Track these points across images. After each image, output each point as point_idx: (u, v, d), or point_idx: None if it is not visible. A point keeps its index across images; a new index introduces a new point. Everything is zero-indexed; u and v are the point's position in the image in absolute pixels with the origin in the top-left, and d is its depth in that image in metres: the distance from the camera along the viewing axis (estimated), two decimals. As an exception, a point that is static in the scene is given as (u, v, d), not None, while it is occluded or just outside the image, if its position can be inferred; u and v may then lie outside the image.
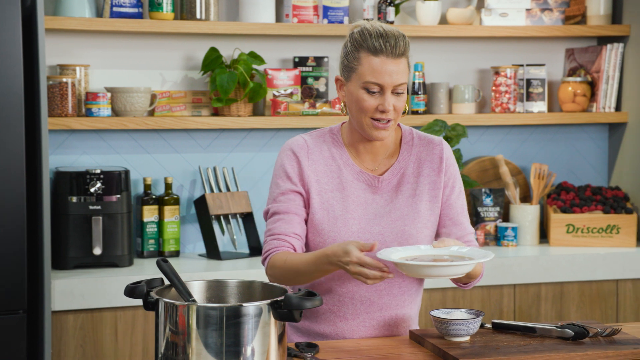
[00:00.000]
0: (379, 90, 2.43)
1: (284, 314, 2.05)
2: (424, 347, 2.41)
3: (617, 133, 4.37)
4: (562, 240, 4.07)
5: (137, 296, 2.12)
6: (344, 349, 2.39)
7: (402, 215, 2.52)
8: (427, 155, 2.57)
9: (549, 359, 2.27)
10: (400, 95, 2.45)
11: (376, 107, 2.44)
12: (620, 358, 2.30)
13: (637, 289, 3.97)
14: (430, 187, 2.55)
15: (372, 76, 2.42)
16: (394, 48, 2.42)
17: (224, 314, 2.03)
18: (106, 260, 3.65)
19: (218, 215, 3.87)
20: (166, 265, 2.17)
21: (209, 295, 2.22)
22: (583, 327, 2.41)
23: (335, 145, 2.56)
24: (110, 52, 3.92)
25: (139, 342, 3.51)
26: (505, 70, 4.19)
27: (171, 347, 2.06)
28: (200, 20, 3.87)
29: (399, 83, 2.43)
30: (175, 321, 2.05)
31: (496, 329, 2.51)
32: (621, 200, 4.14)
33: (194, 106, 3.98)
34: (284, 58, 4.10)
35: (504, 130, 4.31)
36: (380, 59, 2.41)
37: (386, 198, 2.54)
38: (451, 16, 4.15)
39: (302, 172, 2.52)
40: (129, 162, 3.92)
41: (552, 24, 4.24)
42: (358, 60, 2.44)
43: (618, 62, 4.26)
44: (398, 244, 2.50)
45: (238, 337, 2.03)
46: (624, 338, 2.42)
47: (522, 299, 3.86)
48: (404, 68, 2.45)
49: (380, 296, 2.52)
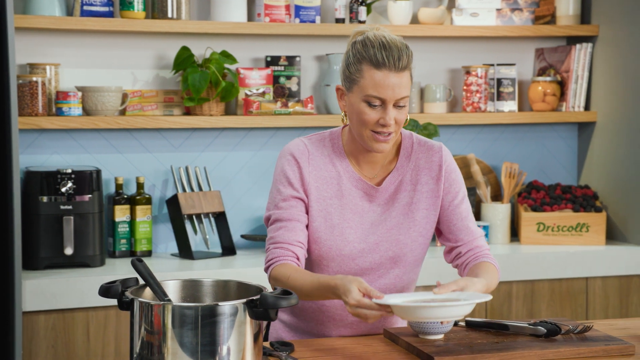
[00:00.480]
0: (380, 104, 2.38)
1: (260, 312, 2.05)
2: (398, 345, 2.42)
3: (586, 132, 4.41)
4: (532, 238, 4.10)
5: (112, 296, 2.12)
6: (319, 348, 2.40)
7: (398, 224, 2.51)
8: (426, 162, 2.53)
9: (523, 356, 2.29)
10: (402, 108, 2.40)
11: (377, 121, 2.39)
12: (592, 355, 2.32)
13: (607, 286, 4.01)
14: (428, 195, 2.53)
15: (374, 90, 2.37)
16: (397, 61, 2.36)
17: (200, 313, 2.02)
18: (78, 260, 3.63)
19: (190, 214, 3.86)
20: (141, 264, 2.16)
21: (184, 294, 2.22)
22: (555, 324, 2.43)
23: (335, 151, 2.53)
24: (81, 51, 3.90)
25: (111, 342, 3.49)
26: (476, 70, 4.21)
27: (146, 347, 2.05)
28: (171, 19, 3.86)
29: (401, 97, 2.38)
30: (150, 321, 2.05)
31: (469, 327, 2.52)
32: (590, 199, 4.18)
33: (165, 105, 3.97)
34: (256, 57, 4.10)
35: (475, 129, 4.34)
36: (383, 73, 2.36)
37: (383, 206, 2.52)
38: (422, 16, 4.16)
39: (303, 178, 2.49)
40: (100, 162, 3.90)
41: (522, 24, 4.26)
42: (360, 73, 2.38)
43: (587, 62, 4.30)
44: (393, 252, 2.50)
45: (214, 337, 2.03)
46: (595, 335, 2.44)
47: (493, 297, 3.87)
48: (407, 81, 2.39)
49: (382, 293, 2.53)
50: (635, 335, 2.51)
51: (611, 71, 4.23)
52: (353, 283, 2.23)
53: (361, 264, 2.50)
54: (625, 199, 4.16)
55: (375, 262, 2.51)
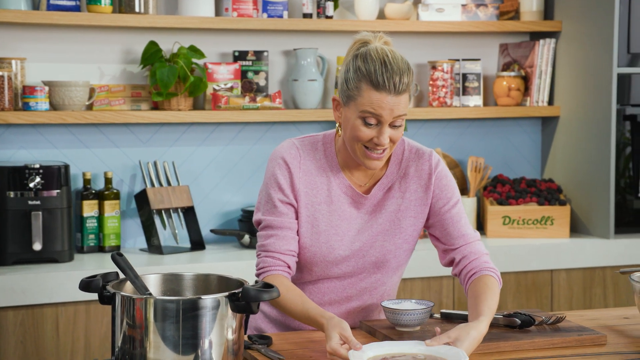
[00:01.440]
0: (376, 123, 2.34)
1: (242, 306, 2.07)
2: (375, 337, 2.44)
3: (549, 126, 4.47)
4: (498, 231, 4.15)
5: (93, 290, 2.12)
6: (297, 340, 2.41)
7: (384, 230, 2.51)
8: (416, 171, 2.52)
9: (499, 347, 2.33)
10: (399, 128, 2.37)
11: (371, 139, 2.36)
12: (565, 345, 2.36)
13: (571, 278, 4.07)
14: (417, 203, 2.52)
15: (370, 109, 2.33)
16: (398, 84, 2.31)
17: (182, 306, 2.03)
18: (46, 255, 3.61)
19: (159, 209, 3.85)
20: (121, 259, 2.17)
21: (165, 288, 2.23)
22: (529, 315, 2.47)
23: (327, 156, 2.51)
24: (47, 46, 3.88)
25: (80, 337, 3.48)
26: (442, 65, 4.25)
27: (128, 341, 2.06)
28: (139, 14, 3.85)
29: (398, 115, 2.34)
30: (132, 315, 2.05)
31: (445, 319, 2.56)
32: (555, 192, 4.24)
33: (133, 100, 3.96)
34: (224, 52, 4.10)
35: (441, 124, 4.38)
36: (382, 95, 2.31)
37: (370, 213, 2.51)
38: (389, 11, 4.19)
39: (293, 183, 2.47)
40: (67, 157, 3.88)
41: (487, 19, 4.31)
42: (358, 90, 2.34)
43: (550, 57, 4.36)
44: (376, 258, 2.51)
45: (196, 330, 2.04)
46: (567, 325, 2.48)
47: (460, 290, 3.92)
48: (406, 101, 2.35)
49: (350, 301, 2.56)
50: (605, 325, 2.56)
51: (574, 66, 4.29)
52: (336, 329, 2.20)
53: (344, 268, 2.52)
54: (588, 192, 4.22)
55: (359, 267, 2.52)
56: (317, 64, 4.12)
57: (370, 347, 2.22)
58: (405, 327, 2.42)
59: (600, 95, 4.14)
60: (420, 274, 3.84)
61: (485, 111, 4.31)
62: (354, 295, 2.56)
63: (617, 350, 2.33)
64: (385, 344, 2.24)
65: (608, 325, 2.56)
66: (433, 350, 2.20)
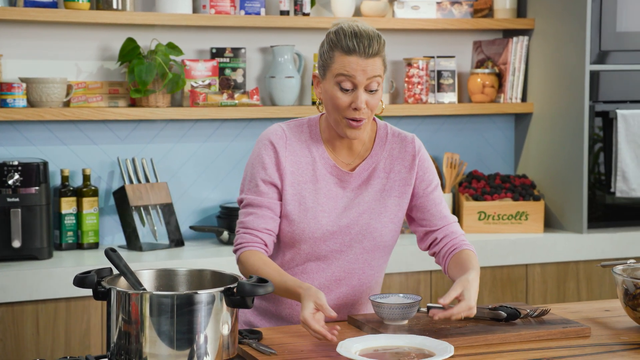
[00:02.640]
0: (352, 88, 2.44)
1: (237, 300, 2.09)
2: (363, 331, 2.47)
3: (523, 123, 4.52)
4: (474, 227, 4.19)
5: (88, 286, 2.13)
6: (287, 334, 2.44)
7: (369, 209, 2.57)
8: (400, 152, 2.61)
9: (486, 339, 2.36)
10: (374, 93, 2.46)
11: (349, 105, 2.45)
12: (551, 337, 2.41)
13: (545, 272, 4.13)
14: (401, 183, 2.59)
15: (343, 74, 2.43)
16: (367, 48, 2.42)
17: (178, 301, 2.05)
18: (25, 253, 3.60)
19: (138, 206, 3.86)
20: (114, 254, 2.18)
21: (159, 284, 2.24)
22: (515, 308, 2.51)
23: (313, 137, 2.59)
24: (24, 42, 3.86)
25: (60, 335, 3.48)
26: (417, 62, 4.29)
27: (124, 336, 2.07)
28: (116, 11, 3.85)
29: (371, 79, 2.43)
30: (128, 310, 2.06)
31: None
32: (529, 188, 4.29)
33: (110, 97, 3.95)
34: (201, 49, 4.11)
35: (416, 120, 4.42)
36: (353, 58, 2.42)
37: (355, 192, 2.58)
38: (365, 8, 4.22)
39: (279, 162, 2.54)
40: (44, 154, 3.87)
41: (461, 17, 4.35)
42: (332, 59, 2.45)
43: (523, 55, 4.41)
44: (363, 236, 2.56)
45: (191, 325, 2.06)
46: (552, 318, 2.53)
47: (438, 285, 3.96)
48: (379, 66, 2.45)
49: (339, 285, 2.59)
50: (587, 317, 2.61)
51: (546, 64, 4.35)
52: (311, 298, 2.28)
53: (332, 245, 2.56)
54: (561, 187, 4.28)
55: (345, 244, 2.57)
56: (294, 61, 4.14)
57: (359, 340, 2.25)
58: (393, 321, 2.45)
59: (572, 92, 4.20)
60: (398, 269, 3.88)
61: (459, 108, 4.35)
62: (342, 279, 2.59)
63: (601, 342, 2.38)
64: (373, 337, 2.27)
65: (590, 318, 2.61)
66: (421, 343, 2.24)
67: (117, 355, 2.08)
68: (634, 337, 2.42)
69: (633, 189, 4.17)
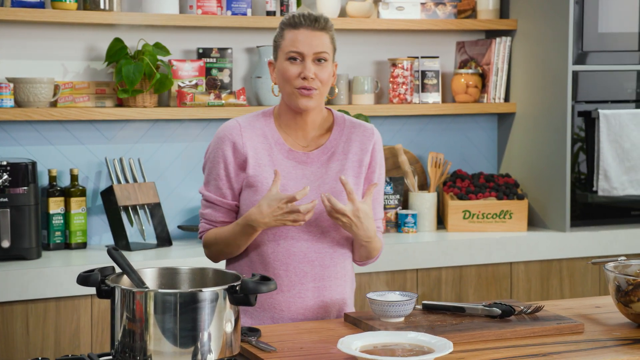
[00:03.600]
0: (300, 59, 2.58)
1: (240, 298, 2.11)
2: (360, 328, 2.50)
3: (505, 123, 4.57)
4: (458, 226, 4.23)
5: (91, 284, 2.14)
6: (285, 332, 2.46)
7: (330, 188, 2.65)
8: (358, 136, 2.71)
9: (482, 335, 2.40)
10: (323, 66, 2.60)
11: (298, 75, 2.58)
12: (545, 333, 2.45)
13: (529, 270, 4.18)
14: (357, 164, 2.69)
15: (292, 46, 2.58)
16: (313, 22, 2.59)
17: (182, 299, 2.07)
18: (14, 253, 3.60)
19: (126, 206, 3.86)
20: (117, 253, 2.19)
21: (162, 282, 2.26)
22: (509, 305, 2.55)
23: (267, 125, 2.68)
24: (11, 42, 3.86)
25: (50, 334, 3.48)
26: (402, 62, 4.33)
27: (128, 335, 2.09)
28: (104, 11, 3.85)
29: (318, 51, 2.58)
30: (132, 308, 2.08)
31: (426, 310, 2.62)
32: (512, 187, 4.34)
33: (97, 97, 3.96)
34: (187, 49, 4.12)
35: (401, 120, 4.45)
36: (300, 31, 2.59)
37: (316, 173, 2.66)
38: (350, 9, 4.25)
39: (237, 151, 2.64)
40: (31, 154, 3.87)
41: (445, 17, 4.39)
42: (282, 38, 2.62)
43: (506, 55, 4.46)
44: (328, 214, 2.61)
45: (195, 322, 2.08)
46: (545, 315, 2.57)
47: (424, 283, 4.00)
48: (326, 42, 2.61)
49: (313, 266, 2.64)
50: (579, 314, 2.66)
51: (529, 64, 4.40)
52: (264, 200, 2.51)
53: (297, 225, 2.61)
54: (544, 186, 4.33)
55: (311, 224, 2.64)
56: (280, 61, 4.15)
57: (358, 337, 2.28)
58: (391, 318, 2.49)
59: (555, 92, 4.25)
60: (385, 267, 3.91)
61: (444, 108, 4.39)
62: (314, 259, 2.64)
63: (595, 338, 2.42)
64: (372, 334, 2.30)
65: (582, 314, 2.65)
66: (420, 339, 2.27)
67: (122, 353, 2.09)
68: (627, 332, 2.46)
69: (615, 188, 4.23)
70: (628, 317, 2.52)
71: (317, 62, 2.59)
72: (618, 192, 4.24)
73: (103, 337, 3.55)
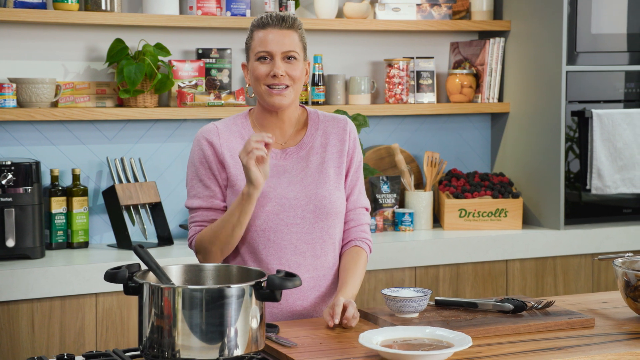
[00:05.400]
0: (270, 58, 2.63)
1: (266, 294, 2.15)
2: (377, 324, 2.54)
3: (499, 122, 4.63)
4: (455, 224, 4.29)
5: (119, 281, 2.17)
6: (302, 328, 2.50)
7: (314, 180, 2.70)
8: (333, 128, 2.77)
9: (497, 330, 2.45)
10: (293, 64, 2.64)
11: (268, 73, 2.63)
12: (557, 327, 2.50)
13: (524, 267, 4.24)
14: (337, 155, 2.74)
15: (261, 46, 2.63)
16: (281, 21, 2.64)
17: (209, 295, 2.10)
18: (18, 252, 3.62)
19: (128, 205, 3.89)
20: (142, 250, 2.22)
21: (187, 278, 2.29)
22: (521, 301, 2.60)
23: (244, 127, 2.73)
24: (13, 43, 3.88)
25: (55, 333, 3.50)
26: (398, 63, 4.38)
27: (157, 331, 2.12)
28: (105, 12, 3.88)
29: (287, 50, 2.63)
30: (160, 304, 2.11)
31: (439, 306, 2.67)
32: (507, 186, 4.40)
33: (97, 97, 3.98)
34: (186, 49, 4.15)
35: (397, 120, 4.51)
36: (268, 30, 2.64)
37: (297, 167, 2.71)
38: (347, 10, 4.30)
39: (217, 153, 2.68)
40: (33, 154, 3.89)
41: (440, 18, 4.45)
42: (252, 39, 2.67)
43: (500, 56, 4.52)
44: (314, 205, 2.67)
45: (222, 318, 2.11)
46: (556, 310, 2.63)
47: (422, 280, 4.05)
48: (295, 40, 2.65)
49: (305, 257, 2.68)
50: (587, 309, 2.72)
51: (522, 64, 4.46)
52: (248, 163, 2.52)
53: (285, 218, 2.66)
54: (537, 185, 4.40)
55: (298, 216, 2.67)
56: (279, 61, 4.19)
57: (378, 332, 2.32)
58: (406, 314, 2.53)
59: (548, 92, 4.32)
60: (383, 265, 3.96)
61: (439, 107, 4.45)
62: (305, 251, 2.68)
63: (606, 332, 2.48)
64: (392, 329, 2.34)
65: (590, 309, 2.71)
66: (439, 334, 2.32)
67: (150, 348, 2.13)
68: (636, 327, 2.53)
69: (608, 186, 4.30)
70: (637, 312, 2.58)
71: (287, 60, 2.64)
72: (611, 191, 4.31)
73: (108, 335, 3.57)
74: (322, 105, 4.23)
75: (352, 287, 2.67)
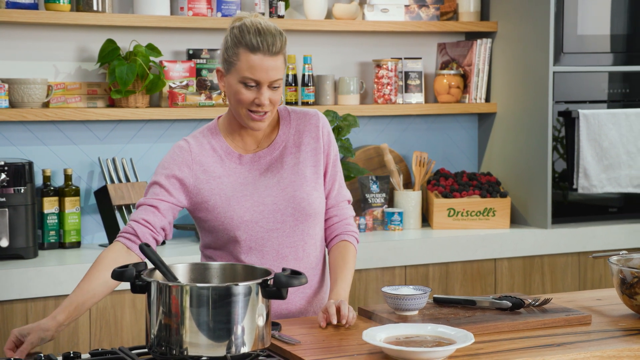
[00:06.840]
0: (255, 85, 2.55)
1: (273, 292, 2.17)
2: (376, 322, 2.57)
3: (486, 122, 4.68)
4: (443, 223, 4.33)
5: (126, 279, 2.19)
6: (302, 326, 2.52)
7: (291, 183, 2.68)
8: (305, 125, 2.73)
9: (496, 327, 2.49)
10: (277, 89, 2.58)
11: (252, 100, 2.56)
12: (555, 324, 2.54)
13: (512, 266, 4.29)
14: (312, 153, 2.72)
15: (249, 72, 2.54)
16: (271, 46, 2.54)
17: (217, 293, 2.12)
18: (11, 252, 3.62)
19: (120, 205, 3.90)
20: (149, 249, 2.24)
21: (193, 277, 2.31)
22: (519, 298, 2.64)
23: (214, 137, 2.68)
24: (5, 43, 3.88)
25: (49, 333, 3.50)
26: (386, 63, 4.41)
27: (164, 329, 2.14)
28: (97, 12, 3.89)
29: (275, 79, 2.56)
30: (168, 302, 2.13)
31: (438, 303, 2.71)
32: (495, 185, 4.45)
33: (89, 98, 3.99)
34: (177, 50, 4.17)
35: (385, 120, 4.54)
36: (258, 57, 2.53)
37: (272, 171, 2.68)
38: (337, 11, 4.33)
39: (187, 164, 2.62)
40: (24, 154, 3.89)
41: (428, 19, 4.49)
42: (237, 56, 2.56)
43: (487, 56, 4.57)
44: (292, 209, 2.66)
45: (229, 316, 2.13)
46: (553, 307, 2.67)
47: (412, 279, 4.09)
48: (281, 64, 2.57)
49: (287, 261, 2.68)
50: (583, 306, 2.76)
51: (509, 65, 4.51)
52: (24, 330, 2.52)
53: (265, 225, 2.65)
54: (524, 185, 4.45)
55: (278, 221, 2.66)
56: (269, 62, 4.21)
57: (381, 329, 2.35)
58: (406, 312, 2.56)
59: (535, 93, 4.37)
60: (374, 264, 3.99)
61: (427, 108, 4.49)
62: (287, 255, 2.68)
63: (603, 329, 2.52)
64: (394, 326, 2.37)
65: (586, 307, 2.75)
66: (441, 331, 2.35)
67: (158, 346, 2.15)
68: (632, 323, 2.57)
69: (594, 186, 4.36)
70: (632, 309, 2.63)
71: (272, 88, 2.58)
72: (597, 190, 4.36)
73: (101, 334, 3.58)
74: (312, 106, 4.26)
75: (343, 286, 2.66)
